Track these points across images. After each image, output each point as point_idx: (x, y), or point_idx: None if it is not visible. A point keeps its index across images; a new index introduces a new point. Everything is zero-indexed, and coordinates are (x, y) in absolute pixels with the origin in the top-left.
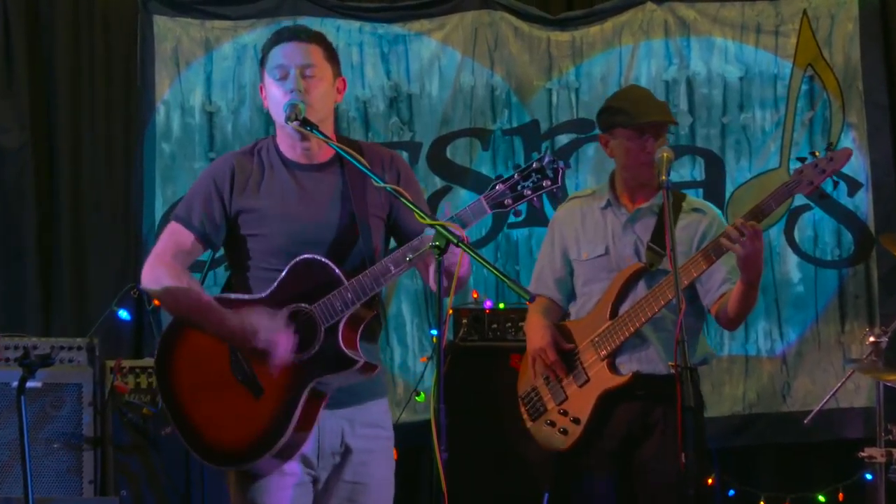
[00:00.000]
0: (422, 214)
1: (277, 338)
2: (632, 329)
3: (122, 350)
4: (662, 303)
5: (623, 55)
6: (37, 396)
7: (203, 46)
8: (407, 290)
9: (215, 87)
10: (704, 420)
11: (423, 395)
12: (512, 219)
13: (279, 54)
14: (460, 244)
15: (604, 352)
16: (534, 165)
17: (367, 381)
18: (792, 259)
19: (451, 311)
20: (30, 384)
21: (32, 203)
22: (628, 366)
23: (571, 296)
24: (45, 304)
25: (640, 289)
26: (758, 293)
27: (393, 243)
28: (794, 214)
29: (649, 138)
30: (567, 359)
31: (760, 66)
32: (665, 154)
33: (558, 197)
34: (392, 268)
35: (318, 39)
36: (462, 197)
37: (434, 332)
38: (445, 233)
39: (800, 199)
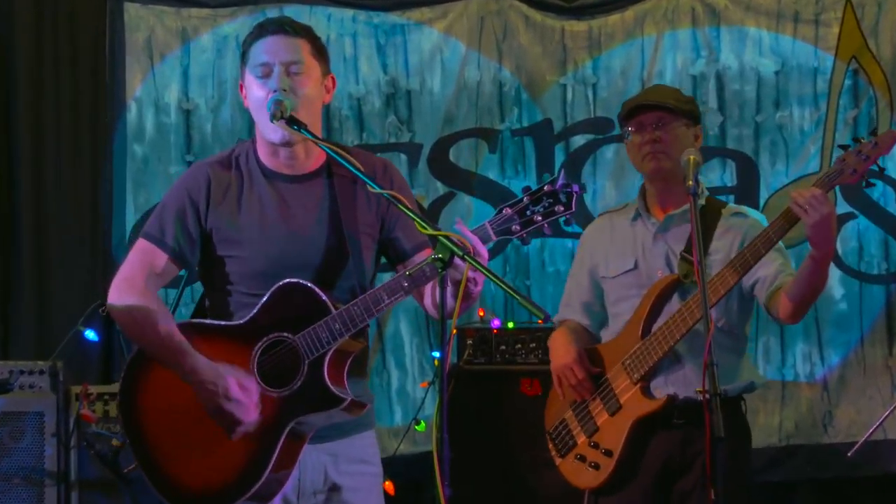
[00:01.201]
0: (423, 224)
1: (247, 404)
2: (665, 348)
3: (89, 374)
4: (697, 316)
5: (646, 47)
6: None
7: (179, 37)
8: (406, 307)
9: (193, 83)
10: (749, 454)
11: (423, 424)
12: None
13: (262, 49)
14: (466, 257)
15: (636, 375)
16: (545, 188)
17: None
18: (834, 273)
19: (454, 331)
20: None
21: None
22: (664, 390)
23: (603, 321)
24: (3, 323)
25: (675, 303)
26: (828, 274)
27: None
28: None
29: (647, 128)
30: (596, 383)
31: (799, 59)
32: (692, 157)
33: (572, 223)
34: (386, 297)
35: (306, 33)
36: (466, 204)
37: (436, 353)
38: (450, 244)
39: (842, 207)
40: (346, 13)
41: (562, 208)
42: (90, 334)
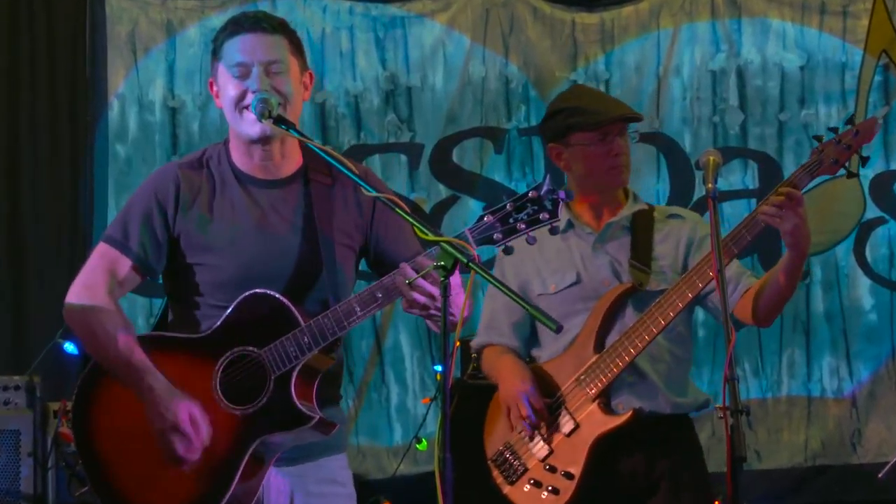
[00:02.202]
0: (423, 229)
1: (193, 442)
2: (626, 359)
3: (69, 390)
4: (663, 324)
5: (662, 41)
6: None
7: (164, 30)
8: (406, 319)
9: (179, 79)
10: (706, 474)
11: (424, 442)
12: None
13: (238, 48)
14: (471, 264)
15: (593, 390)
16: (529, 195)
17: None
18: (863, 282)
19: (458, 343)
20: None
21: None
22: (627, 405)
23: (530, 341)
24: None
25: (629, 314)
26: (801, 273)
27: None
28: (864, 229)
29: (615, 138)
30: (550, 408)
31: (825, 53)
32: (711, 158)
33: (558, 231)
34: (358, 309)
35: (283, 29)
36: (471, 208)
37: (438, 367)
38: (453, 250)
39: (872, 212)
40: (342, 5)
41: (547, 216)
42: (70, 347)
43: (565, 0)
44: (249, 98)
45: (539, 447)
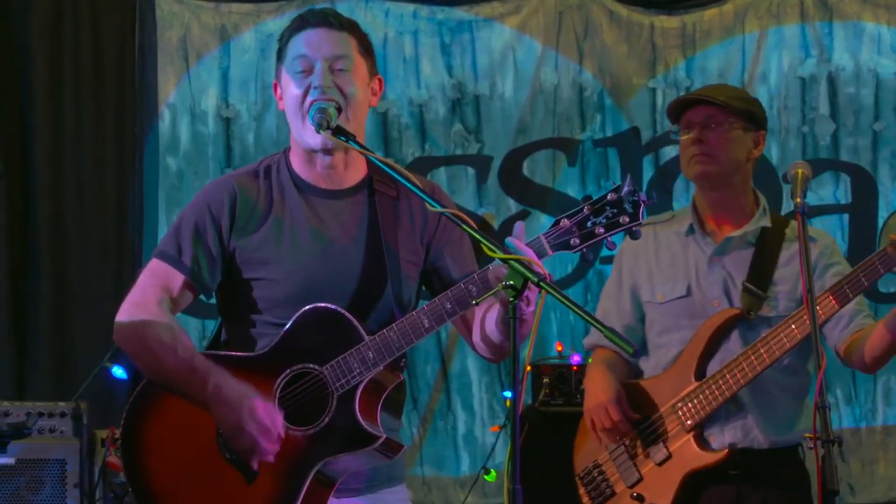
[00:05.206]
0: (491, 247)
1: (271, 430)
2: (726, 394)
3: (117, 417)
4: (767, 362)
5: (747, 45)
6: (9, 476)
7: (218, 36)
8: None
9: (233, 87)
10: None
11: (493, 473)
12: (605, 252)
13: (302, 42)
14: (542, 284)
15: (690, 422)
16: (608, 197)
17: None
18: None
19: (528, 368)
20: (0, 460)
21: (3, 236)
22: (720, 439)
23: (643, 349)
24: (19, 360)
25: (734, 341)
26: None
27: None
28: None
29: (694, 126)
30: (638, 427)
31: None
32: (800, 170)
33: (639, 236)
34: (426, 321)
35: (352, 28)
36: (542, 224)
37: (508, 393)
38: (523, 269)
39: None
40: (406, 8)
41: (627, 219)
42: (118, 371)
43: (643, 2)
44: (309, 100)
45: (629, 472)
